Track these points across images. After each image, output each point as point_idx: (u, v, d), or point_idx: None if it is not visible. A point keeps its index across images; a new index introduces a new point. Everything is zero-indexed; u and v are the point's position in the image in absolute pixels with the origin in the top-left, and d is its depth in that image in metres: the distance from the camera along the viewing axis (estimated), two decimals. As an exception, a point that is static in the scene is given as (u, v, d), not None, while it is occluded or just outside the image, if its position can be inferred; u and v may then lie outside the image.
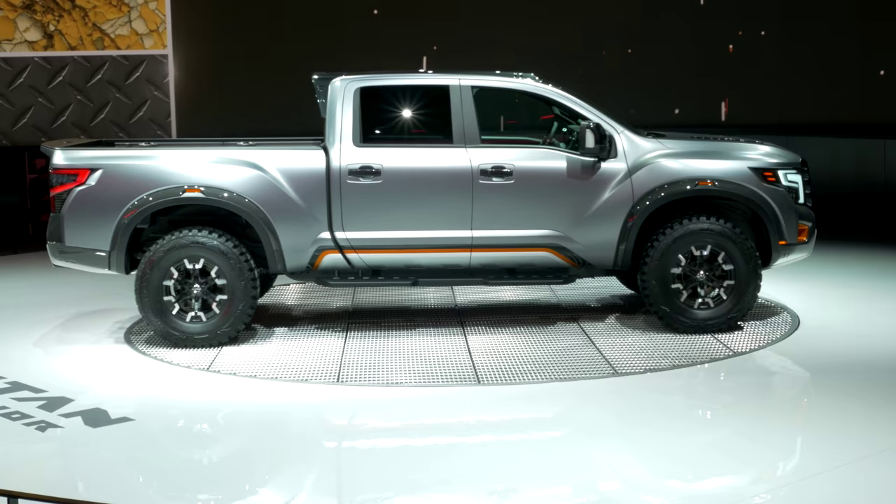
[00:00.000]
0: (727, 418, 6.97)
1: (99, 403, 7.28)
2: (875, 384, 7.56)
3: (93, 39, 14.93)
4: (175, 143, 10.51)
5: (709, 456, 6.35)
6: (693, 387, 7.66)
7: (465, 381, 7.74)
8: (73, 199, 8.59)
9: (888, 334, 8.97)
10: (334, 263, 8.80)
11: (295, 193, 8.67)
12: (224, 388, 7.74)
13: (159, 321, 8.64)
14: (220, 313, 8.63)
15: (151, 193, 8.60)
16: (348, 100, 8.82)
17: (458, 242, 8.82)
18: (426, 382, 7.74)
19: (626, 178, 8.85)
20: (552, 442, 6.71)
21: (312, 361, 8.27)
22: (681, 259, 8.84)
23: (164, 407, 7.43)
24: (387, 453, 6.57)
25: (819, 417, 7.01)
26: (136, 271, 8.69)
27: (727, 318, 8.88)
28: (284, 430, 6.96)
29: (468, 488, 5.89)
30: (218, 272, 8.60)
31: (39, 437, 6.68)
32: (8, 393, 7.57)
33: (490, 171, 8.78)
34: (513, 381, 7.72)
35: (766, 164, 9.03)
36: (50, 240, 8.74)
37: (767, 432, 6.70)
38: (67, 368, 8.30)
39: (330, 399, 7.52)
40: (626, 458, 6.33)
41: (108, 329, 9.40)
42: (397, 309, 10.08)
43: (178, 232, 8.65)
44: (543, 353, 8.34)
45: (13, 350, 8.83)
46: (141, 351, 8.68)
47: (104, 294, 10.40)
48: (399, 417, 7.22)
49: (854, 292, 10.73)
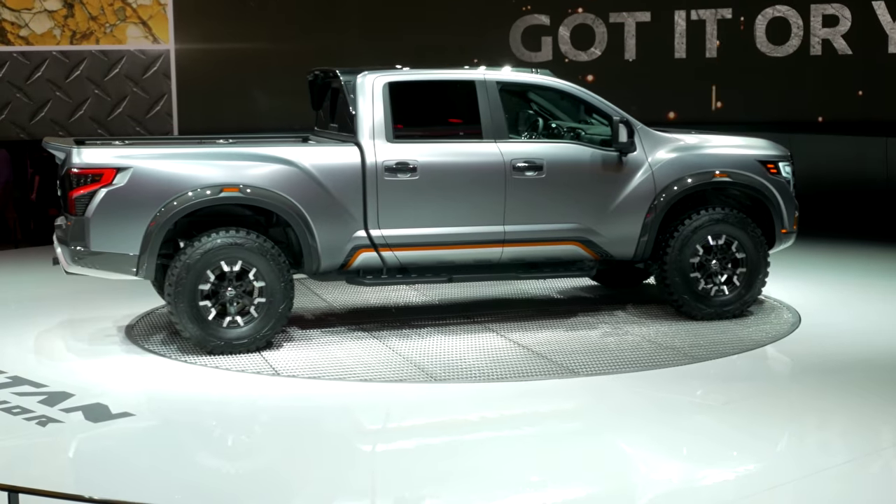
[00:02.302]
0: (729, 415, 6.97)
1: (100, 398, 7.27)
2: (876, 382, 7.56)
3: (114, 9, 14.86)
4: (158, 141, 9.98)
5: (710, 452, 6.35)
6: (694, 384, 7.66)
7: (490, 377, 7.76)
8: (100, 200, 8.02)
9: (889, 332, 8.97)
10: (367, 262, 8.61)
11: (332, 191, 8.42)
12: (226, 383, 7.73)
13: (197, 328, 8.15)
14: (259, 316, 8.26)
15: (186, 193, 8.14)
16: (378, 95, 8.65)
17: (491, 238, 8.82)
18: (458, 379, 7.75)
19: (649, 171, 9.08)
20: (553, 438, 6.70)
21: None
22: (699, 249, 9.13)
23: (165, 402, 7.44)
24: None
25: (820, 415, 7.01)
26: (169, 276, 8.18)
27: (741, 303, 9.24)
28: (287, 426, 6.97)
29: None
30: (256, 274, 8.23)
31: (40, 431, 6.68)
32: (9, 388, 7.57)
33: (522, 166, 8.82)
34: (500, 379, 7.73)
35: (770, 156, 9.45)
36: (70, 244, 8.15)
37: (769, 429, 6.70)
38: (68, 363, 8.31)
39: (330, 395, 7.53)
40: (627, 454, 6.33)
41: (109, 324, 9.39)
42: (401, 307, 10.09)
43: (213, 233, 8.21)
44: (574, 348, 8.36)
45: (14, 345, 8.82)
46: (142, 346, 8.67)
47: (106, 289, 10.38)
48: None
49: (855, 290, 10.73)
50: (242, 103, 15.39)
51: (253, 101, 15.45)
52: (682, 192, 9.14)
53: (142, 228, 8.09)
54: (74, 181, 8.09)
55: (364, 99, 8.64)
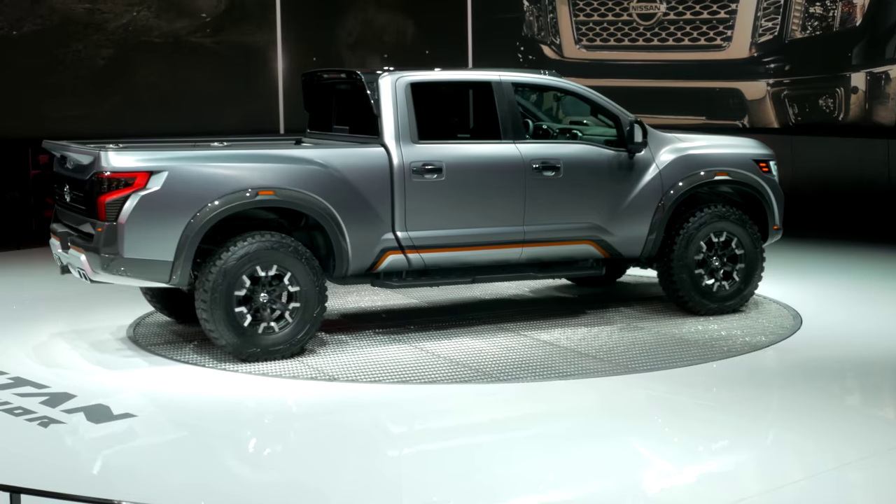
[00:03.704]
0: (729, 417, 6.97)
1: (101, 399, 7.27)
2: (878, 384, 7.56)
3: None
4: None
5: (711, 454, 6.35)
6: (695, 385, 7.66)
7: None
8: (135, 205, 7.69)
9: (891, 334, 8.97)
10: (394, 264, 8.51)
11: (361, 192, 8.32)
12: (229, 384, 7.73)
13: (234, 336, 7.93)
14: (294, 321, 8.09)
15: (222, 197, 7.91)
16: (401, 96, 8.57)
17: (513, 238, 8.87)
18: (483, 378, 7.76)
19: (656, 171, 9.28)
20: (541, 440, 6.69)
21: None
22: (702, 246, 9.36)
23: (167, 403, 7.43)
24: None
25: (822, 416, 7.00)
26: (202, 283, 7.92)
27: (741, 297, 9.54)
28: (286, 428, 6.97)
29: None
30: (291, 278, 8.04)
31: (42, 432, 6.68)
32: (10, 388, 7.57)
33: (541, 167, 8.87)
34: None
35: (762, 156, 9.78)
36: (101, 252, 7.76)
37: (770, 431, 6.70)
38: (70, 364, 8.29)
39: (324, 394, 7.52)
40: (627, 457, 6.32)
41: (111, 325, 9.39)
42: (400, 309, 10.09)
43: (248, 237, 7.98)
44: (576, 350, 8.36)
45: (16, 345, 8.82)
46: (144, 347, 8.67)
47: (108, 291, 10.35)
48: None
49: (857, 292, 10.74)
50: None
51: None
52: (688, 191, 9.36)
53: (177, 234, 7.81)
54: (105, 185, 7.76)
55: (388, 100, 8.55)
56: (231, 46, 15.87)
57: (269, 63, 16.02)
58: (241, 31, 15.93)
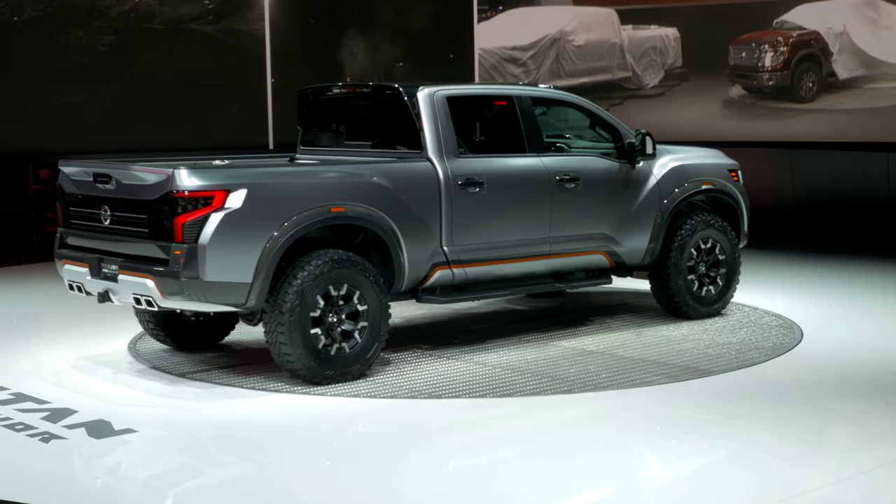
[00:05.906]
0: (732, 430, 6.95)
1: (102, 415, 7.26)
2: (880, 397, 7.55)
3: None
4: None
5: (714, 467, 6.34)
6: (697, 399, 7.65)
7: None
8: (216, 225, 7.34)
9: (892, 347, 8.97)
10: (441, 279, 8.48)
11: (414, 208, 8.26)
12: (231, 400, 7.72)
13: (311, 359, 7.68)
14: (363, 341, 7.89)
15: (299, 214, 7.67)
16: (440, 110, 8.54)
17: (540, 251, 9.01)
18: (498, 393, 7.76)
19: (655, 181, 9.65)
20: (550, 453, 6.69)
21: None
22: (693, 252, 9.77)
23: (169, 418, 7.42)
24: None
25: (824, 430, 6.99)
26: (280, 305, 7.59)
27: (723, 301, 10.06)
28: (283, 440, 6.96)
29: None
30: (359, 297, 7.86)
31: (43, 448, 6.67)
32: (12, 404, 7.56)
33: (563, 179, 9.06)
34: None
35: (732, 165, 10.30)
36: (181, 276, 7.33)
37: (772, 444, 6.69)
38: (71, 380, 8.29)
39: (324, 408, 7.52)
40: (633, 471, 6.31)
41: (112, 340, 9.39)
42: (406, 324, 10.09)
43: (321, 255, 7.74)
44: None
45: (17, 361, 8.82)
46: (145, 362, 8.67)
47: (109, 307, 10.37)
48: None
49: (858, 305, 10.75)
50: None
51: None
52: (682, 200, 9.77)
53: (256, 254, 7.49)
54: (181, 206, 7.35)
55: (428, 113, 8.51)
56: (231, 34, 15.85)
57: (261, 59, 16.00)
58: (243, 18, 15.95)
